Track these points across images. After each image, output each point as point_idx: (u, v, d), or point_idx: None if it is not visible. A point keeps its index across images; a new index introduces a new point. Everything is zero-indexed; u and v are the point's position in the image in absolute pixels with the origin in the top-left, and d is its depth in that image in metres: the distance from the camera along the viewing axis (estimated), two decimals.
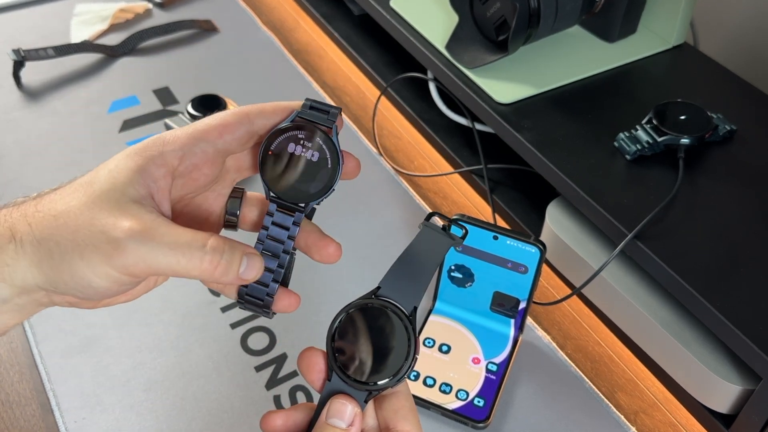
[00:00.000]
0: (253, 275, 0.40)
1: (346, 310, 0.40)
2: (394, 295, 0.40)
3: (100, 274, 0.37)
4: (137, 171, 0.39)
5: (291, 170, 0.41)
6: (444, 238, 0.41)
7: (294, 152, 0.41)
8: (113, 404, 0.63)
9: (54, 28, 1.02)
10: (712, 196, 0.67)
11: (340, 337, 0.39)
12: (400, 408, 0.40)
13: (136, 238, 0.37)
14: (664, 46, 0.82)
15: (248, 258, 0.39)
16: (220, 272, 0.38)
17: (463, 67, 0.78)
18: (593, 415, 0.64)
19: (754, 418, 0.58)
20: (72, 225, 0.38)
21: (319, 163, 0.41)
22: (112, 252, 0.37)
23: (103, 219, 0.37)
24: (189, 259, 0.38)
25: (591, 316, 0.72)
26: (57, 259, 0.37)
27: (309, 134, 0.41)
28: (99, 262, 0.37)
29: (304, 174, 0.41)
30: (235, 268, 0.39)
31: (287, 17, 1.08)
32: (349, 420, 0.39)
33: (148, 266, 0.37)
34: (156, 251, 0.37)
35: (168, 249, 0.37)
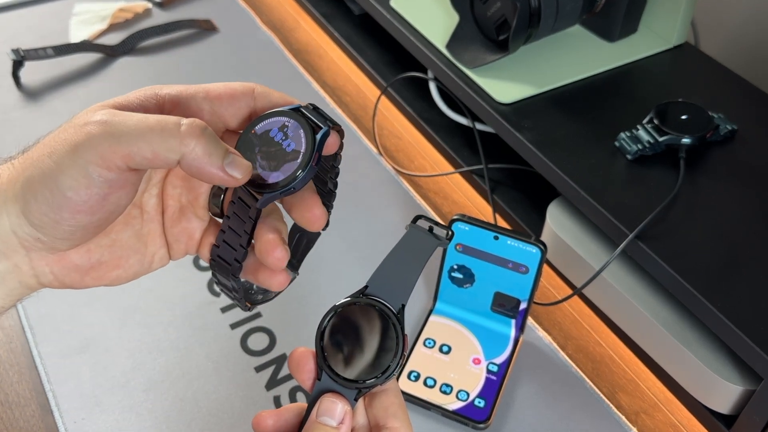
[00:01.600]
0: (240, 173, 0.36)
1: (334, 309, 0.40)
2: (382, 294, 0.40)
3: (67, 168, 0.34)
4: (124, 98, 0.37)
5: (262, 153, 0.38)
6: (430, 238, 0.41)
7: (274, 138, 0.38)
8: (113, 405, 0.63)
9: (53, 27, 1.01)
10: (713, 196, 0.67)
11: (329, 336, 0.40)
12: (390, 405, 0.40)
13: (106, 120, 0.34)
14: (664, 46, 0.82)
15: (234, 156, 0.36)
16: (201, 150, 0.35)
17: (464, 66, 0.78)
18: (594, 415, 0.64)
19: (755, 418, 0.58)
20: (48, 138, 0.36)
21: (290, 156, 0.38)
22: (82, 139, 0.34)
23: (75, 119, 0.35)
24: (163, 131, 0.34)
25: (592, 317, 0.72)
26: (28, 172, 0.35)
27: (296, 127, 0.38)
28: (67, 155, 0.34)
29: (271, 161, 0.38)
30: (220, 153, 0.35)
31: (287, 17, 1.08)
32: (339, 418, 0.39)
33: (123, 147, 0.34)
34: (128, 130, 0.34)
35: (141, 124, 0.34)
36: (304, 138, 0.38)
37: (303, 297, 0.71)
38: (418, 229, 0.41)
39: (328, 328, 0.40)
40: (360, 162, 0.86)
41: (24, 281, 0.37)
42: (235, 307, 0.71)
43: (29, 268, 0.37)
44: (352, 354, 0.39)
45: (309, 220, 0.41)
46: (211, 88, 0.39)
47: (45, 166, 0.34)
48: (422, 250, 0.41)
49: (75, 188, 0.34)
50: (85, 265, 0.39)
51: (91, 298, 0.70)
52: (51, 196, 0.34)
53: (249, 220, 0.39)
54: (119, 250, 0.40)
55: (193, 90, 0.39)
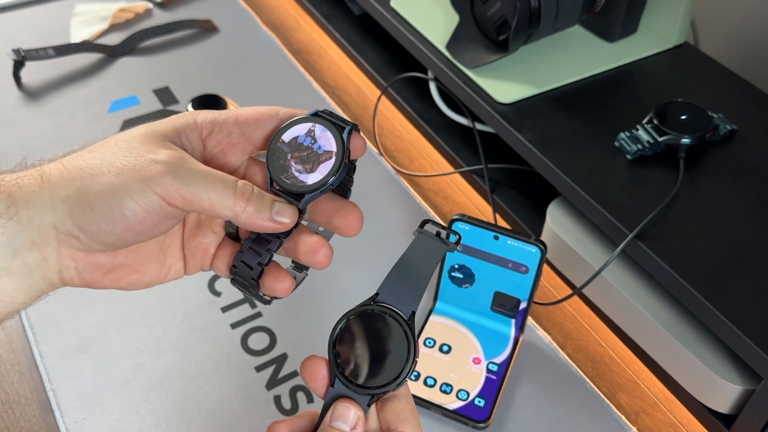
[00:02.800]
0: (287, 218, 0.40)
1: (346, 316, 0.40)
2: (393, 301, 0.41)
3: (135, 193, 0.37)
4: (174, 128, 0.40)
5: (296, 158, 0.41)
6: (438, 243, 0.42)
7: (303, 143, 0.41)
8: (113, 404, 0.63)
9: (54, 28, 1.01)
10: (712, 196, 0.67)
11: (342, 343, 0.40)
12: (401, 410, 0.41)
13: (178, 161, 0.38)
14: (664, 46, 0.82)
15: (280, 204, 0.40)
16: (252, 209, 0.39)
17: (464, 66, 0.78)
18: (594, 415, 0.64)
19: (755, 418, 0.58)
20: (109, 153, 0.38)
21: (323, 156, 0.41)
22: (152, 171, 0.37)
23: (143, 146, 0.38)
24: (223, 191, 0.39)
25: (592, 316, 0.72)
26: (87, 182, 0.37)
27: (322, 129, 0.41)
28: (136, 179, 0.37)
29: (306, 164, 0.41)
30: (267, 207, 0.40)
31: (287, 17, 1.08)
32: (352, 423, 0.39)
33: (187, 190, 0.38)
34: (195, 177, 0.38)
35: (207, 175, 0.38)
36: (333, 138, 0.41)
37: (303, 297, 0.71)
38: (426, 234, 0.42)
39: (340, 335, 0.40)
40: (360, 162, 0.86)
41: (48, 277, 0.39)
42: (235, 307, 0.71)
43: (56, 262, 0.38)
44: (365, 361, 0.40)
45: (351, 224, 0.44)
46: (240, 113, 0.42)
47: (110, 183, 0.37)
48: (431, 256, 0.42)
49: (135, 211, 0.38)
50: (108, 266, 0.41)
51: (92, 298, 0.70)
52: (110, 211, 0.37)
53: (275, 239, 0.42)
54: (142, 257, 0.42)
55: (224, 116, 0.42)
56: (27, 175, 0.38)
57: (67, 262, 0.39)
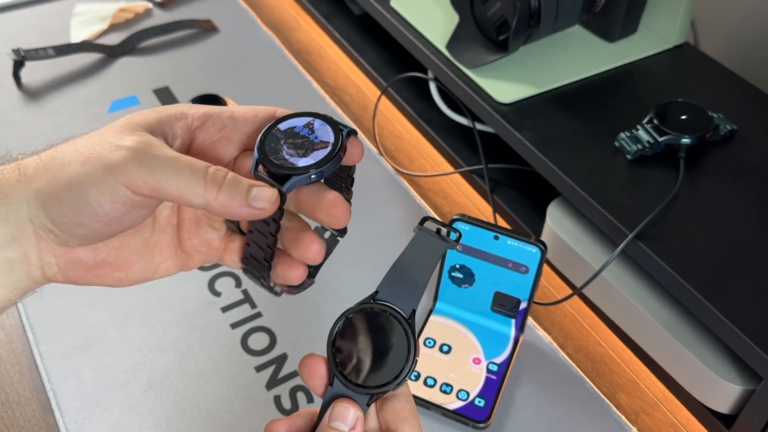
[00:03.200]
0: (264, 203, 0.38)
1: (345, 315, 0.40)
2: (392, 299, 0.40)
3: (97, 182, 0.36)
4: (157, 118, 0.39)
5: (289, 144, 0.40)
6: (438, 241, 0.41)
7: (300, 132, 0.40)
8: (113, 404, 0.63)
9: (54, 28, 1.01)
10: (713, 196, 0.67)
11: (341, 342, 0.40)
12: (401, 410, 0.40)
13: (142, 148, 0.36)
14: (664, 46, 0.82)
15: (258, 189, 0.38)
16: (224, 196, 0.37)
17: (464, 66, 0.78)
18: (594, 415, 0.64)
19: (755, 418, 0.58)
20: (80, 143, 0.37)
21: (318, 145, 0.39)
22: (116, 158, 0.36)
23: (112, 135, 0.37)
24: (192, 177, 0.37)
25: (592, 316, 0.72)
26: (56, 173, 0.36)
27: (321, 124, 0.40)
28: (99, 168, 0.36)
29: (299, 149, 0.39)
30: (242, 193, 0.37)
31: (287, 17, 1.08)
32: (351, 423, 0.39)
33: (152, 178, 0.36)
34: (159, 164, 0.36)
35: (172, 163, 0.37)
36: (331, 132, 0.40)
37: (303, 297, 0.71)
38: (426, 232, 0.41)
39: (339, 333, 0.40)
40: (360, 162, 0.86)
41: (30, 273, 0.38)
42: (235, 307, 0.71)
43: (37, 258, 0.38)
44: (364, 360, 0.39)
45: (335, 216, 0.41)
46: (236, 110, 0.41)
47: (75, 173, 0.36)
48: (431, 254, 0.41)
49: (100, 201, 0.36)
50: (90, 263, 0.40)
51: (92, 297, 0.70)
52: (76, 201, 0.36)
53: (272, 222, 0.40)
54: (125, 254, 0.41)
55: (219, 110, 0.41)
56: (7, 168, 0.37)
57: (48, 258, 0.38)
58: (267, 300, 0.71)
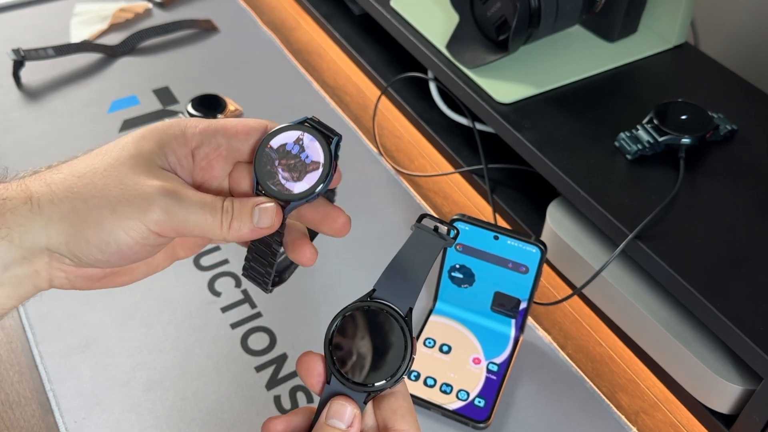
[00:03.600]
0: (268, 222, 0.41)
1: (342, 313, 0.40)
2: (390, 297, 0.40)
3: (130, 229, 0.38)
4: (160, 146, 0.41)
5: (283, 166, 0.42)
6: (436, 239, 0.41)
7: (291, 151, 0.42)
8: (113, 404, 0.63)
9: (54, 28, 1.01)
10: (713, 196, 0.67)
11: (338, 340, 0.40)
12: (398, 408, 0.40)
13: (170, 196, 0.39)
14: (664, 46, 0.82)
15: (260, 209, 0.41)
16: (234, 229, 0.41)
17: (464, 66, 0.78)
18: (594, 415, 0.64)
19: (755, 418, 0.58)
20: (100, 183, 0.39)
21: (310, 167, 0.42)
22: (146, 206, 0.38)
23: (134, 178, 0.39)
24: (214, 218, 0.40)
25: (592, 316, 0.72)
26: (82, 215, 0.38)
27: (310, 139, 0.42)
28: (132, 216, 0.38)
29: (293, 172, 0.42)
30: (247, 220, 0.41)
31: (287, 17, 1.08)
32: (348, 421, 0.39)
33: (180, 223, 0.39)
34: (187, 209, 0.39)
35: (198, 208, 0.40)
36: (321, 149, 0.41)
37: (303, 297, 0.71)
38: (423, 229, 0.41)
39: (336, 331, 0.40)
40: (360, 162, 0.86)
41: (38, 285, 0.40)
42: (235, 307, 0.71)
43: (47, 274, 0.39)
44: (361, 357, 0.40)
45: (338, 230, 0.44)
46: (228, 124, 0.43)
47: (106, 220, 0.38)
48: (428, 252, 0.41)
49: (130, 245, 0.39)
50: (99, 275, 0.42)
51: (92, 298, 0.70)
52: (106, 246, 0.39)
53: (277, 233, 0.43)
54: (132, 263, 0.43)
55: (213, 128, 0.43)
56: (14, 196, 0.38)
57: (58, 273, 0.40)
58: (267, 300, 0.71)
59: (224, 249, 0.76)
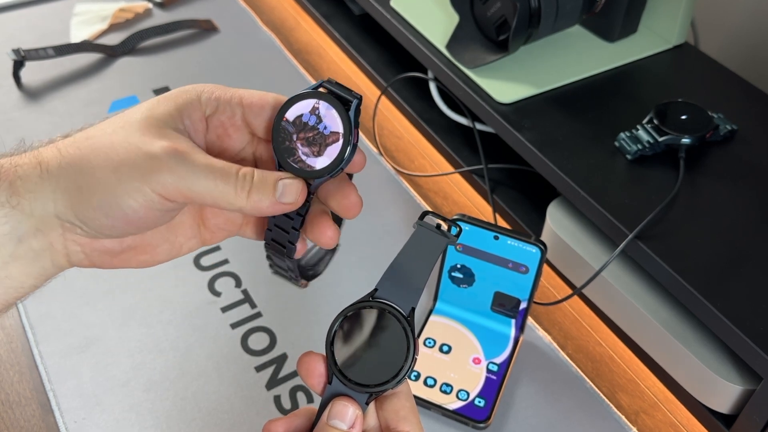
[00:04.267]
0: (292, 198, 0.39)
1: (344, 313, 0.40)
2: (392, 297, 0.40)
3: (132, 191, 0.36)
4: (176, 107, 0.39)
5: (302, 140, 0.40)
6: (439, 237, 0.41)
7: (308, 122, 0.40)
8: (113, 404, 0.63)
9: (54, 27, 1.01)
10: (713, 196, 0.67)
11: (339, 340, 0.39)
12: (401, 409, 0.40)
13: (175, 156, 0.37)
14: (664, 46, 0.82)
15: (284, 183, 0.39)
16: (254, 199, 0.38)
17: (464, 66, 0.78)
18: (594, 415, 0.64)
19: (755, 418, 0.58)
20: (106, 143, 0.37)
21: (330, 138, 0.39)
22: (149, 167, 0.36)
23: (140, 137, 0.37)
24: (225, 185, 0.38)
25: (592, 316, 0.72)
26: (87, 176, 0.36)
27: (326, 107, 0.39)
28: (133, 177, 0.36)
29: (313, 147, 0.39)
30: (270, 193, 0.38)
31: (287, 17, 1.08)
32: (350, 422, 0.39)
33: (186, 188, 0.37)
34: (193, 173, 0.37)
35: (205, 172, 0.37)
36: (339, 117, 0.39)
37: (303, 297, 0.71)
38: (425, 227, 0.41)
39: (338, 331, 0.40)
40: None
41: (56, 260, 0.38)
42: (235, 307, 0.71)
43: (62, 247, 0.38)
44: (363, 358, 0.39)
45: (347, 207, 0.42)
46: (245, 95, 0.41)
47: (108, 181, 0.37)
48: (431, 251, 0.40)
49: (135, 209, 0.37)
50: (116, 249, 0.40)
51: (92, 297, 0.70)
52: (109, 208, 0.37)
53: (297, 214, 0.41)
54: (150, 238, 0.42)
55: (229, 95, 0.41)
56: (25, 162, 0.37)
57: (74, 247, 0.38)
58: (267, 300, 0.71)
59: (224, 249, 0.76)
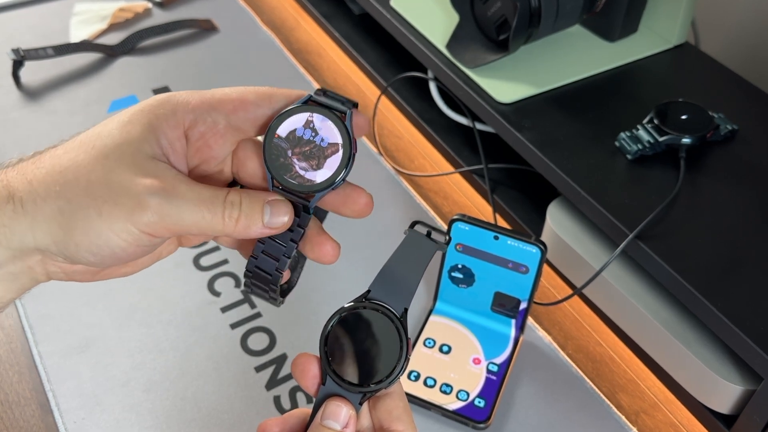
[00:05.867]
0: (281, 222, 0.38)
1: (338, 314, 0.40)
2: (385, 298, 0.40)
3: (120, 231, 0.35)
4: (150, 129, 0.37)
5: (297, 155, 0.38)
6: (429, 242, 0.41)
7: (303, 136, 0.38)
8: (113, 404, 0.63)
9: (53, 27, 1.01)
10: (713, 196, 0.67)
11: (333, 340, 0.40)
12: (394, 408, 0.40)
13: (160, 195, 0.36)
14: (665, 46, 0.82)
15: (271, 205, 0.38)
16: (242, 225, 0.37)
17: (464, 66, 0.78)
18: (594, 415, 0.64)
19: (756, 418, 0.58)
20: (83, 180, 0.36)
21: (329, 150, 0.38)
22: (135, 208, 0.35)
23: (120, 174, 0.36)
24: (213, 215, 0.37)
25: (592, 317, 0.72)
26: (68, 217, 0.35)
27: (321, 119, 0.38)
28: (120, 218, 0.35)
29: (311, 160, 0.38)
30: (258, 218, 0.37)
31: (287, 17, 1.08)
32: (343, 422, 0.39)
33: (173, 223, 0.36)
34: (180, 208, 0.36)
35: (192, 205, 0.36)
36: (336, 128, 0.38)
37: (303, 297, 0.71)
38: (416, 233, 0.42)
39: (331, 332, 0.40)
40: (360, 162, 0.86)
41: (35, 278, 0.38)
42: (234, 307, 0.71)
43: (42, 269, 0.38)
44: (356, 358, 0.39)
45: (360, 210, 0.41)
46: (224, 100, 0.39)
47: (92, 222, 0.36)
48: (422, 255, 0.41)
49: (124, 248, 0.36)
50: (96, 269, 0.40)
51: (92, 297, 0.70)
52: (97, 249, 0.36)
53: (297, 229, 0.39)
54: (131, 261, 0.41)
55: (207, 104, 0.39)
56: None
57: (53, 268, 0.38)
58: None
59: (224, 249, 0.75)
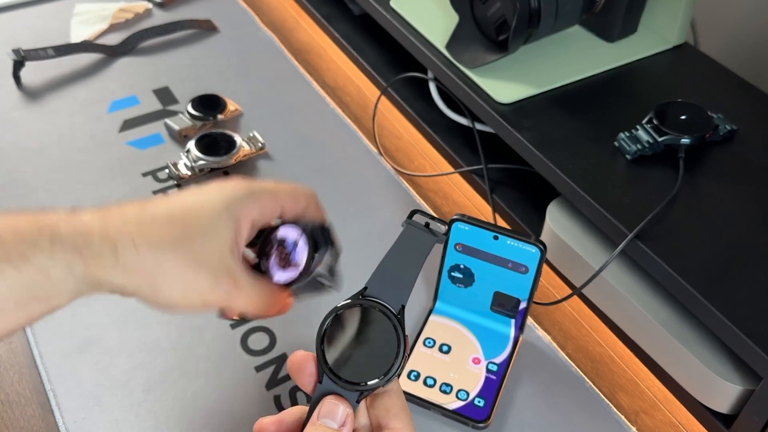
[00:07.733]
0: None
1: (334, 311, 0.40)
2: (382, 295, 0.40)
3: (189, 308, 0.43)
4: (234, 223, 0.44)
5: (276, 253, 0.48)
6: (427, 235, 0.41)
7: (286, 247, 0.48)
8: (113, 404, 0.63)
9: (54, 28, 1.01)
10: (712, 196, 0.67)
11: (330, 338, 0.40)
12: (392, 406, 0.40)
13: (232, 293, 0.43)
14: (664, 46, 0.82)
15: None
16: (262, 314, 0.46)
17: (464, 66, 0.78)
18: (594, 415, 0.64)
19: (755, 418, 0.58)
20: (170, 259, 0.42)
21: (292, 266, 0.47)
22: (207, 291, 0.42)
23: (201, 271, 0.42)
24: (257, 310, 0.45)
25: (591, 316, 0.72)
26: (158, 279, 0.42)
27: (303, 247, 0.47)
28: (196, 301, 0.42)
29: (282, 262, 0.48)
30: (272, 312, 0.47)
31: (287, 17, 1.08)
32: (340, 420, 0.39)
33: (235, 308, 0.44)
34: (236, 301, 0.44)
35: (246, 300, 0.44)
36: (306, 256, 0.47)
37: None
38: (414, 226, 0.41)
39: (328, 330, 0.40)
40: (360, 162, 0.86)
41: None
42: None
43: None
44: (353, 356, 0.39)
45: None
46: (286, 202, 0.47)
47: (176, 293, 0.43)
48: (420, 249, 0.41)
49: (179, 303, 0.43)
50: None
51: (92, 298, 0.70)
52: (158, 307, 0.43)
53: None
54: None
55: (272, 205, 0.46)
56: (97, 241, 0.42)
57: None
58: None
59: None
